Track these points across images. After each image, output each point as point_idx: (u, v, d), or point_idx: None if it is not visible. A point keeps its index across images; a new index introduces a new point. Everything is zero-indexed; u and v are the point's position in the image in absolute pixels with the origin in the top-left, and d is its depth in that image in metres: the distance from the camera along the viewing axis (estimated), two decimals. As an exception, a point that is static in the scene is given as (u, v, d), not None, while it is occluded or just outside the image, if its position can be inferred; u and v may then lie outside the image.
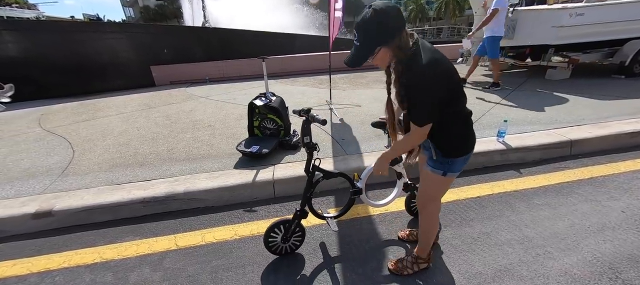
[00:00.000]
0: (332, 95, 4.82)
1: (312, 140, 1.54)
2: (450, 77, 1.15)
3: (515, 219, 1.99)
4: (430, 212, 1.48)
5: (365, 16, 1.06)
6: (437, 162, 1.33)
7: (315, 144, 1.55)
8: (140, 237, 2.00)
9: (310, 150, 1.54)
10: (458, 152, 1.29)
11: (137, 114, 4.73)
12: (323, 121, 1.42)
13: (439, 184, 1.39)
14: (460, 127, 1.27)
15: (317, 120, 1.44)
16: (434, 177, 1.35)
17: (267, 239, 1.67)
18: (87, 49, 6.84)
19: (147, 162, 2.87)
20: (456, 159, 1.29)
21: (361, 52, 1.11)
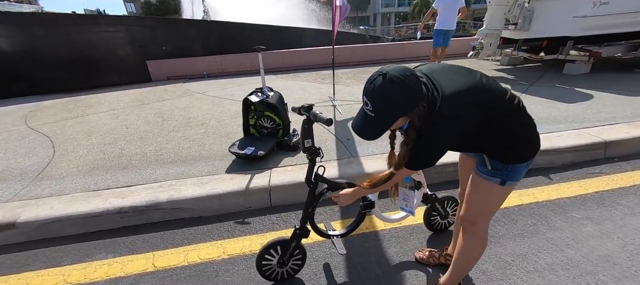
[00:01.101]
0: (336, 91, 4.50)
1: (314, 144, 1.24)
2: (475, 102, 0.93)
3: (554, 237, 1.68)
4: (477, 233, 1.17)
5: (381, 88, 0.87)
6: (493, 170, 1.05)
7: (319, 149, 1.26)
8: (113, 255, 1.73)
9: (312, 156, 1.25)
10: (520, 156, 1.01)
11: (128, 110, 4.46)
12: (328, 121, 1.13)
13: (494, 196, 1.09)
14: (517, 127, 0.99)
15: (320, 119, 1.15)
16: (489, 186, 1.07)
17: (261, 262, 1.39)
18: (81, 43, 6.56)
19: (131, 165, 2.59)
20: (519, 165, 1.02)
21: (378, 125, 0.93)
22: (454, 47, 8.79)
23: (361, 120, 0.95)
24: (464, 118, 0.91)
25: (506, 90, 0.99)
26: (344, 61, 7.97)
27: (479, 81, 0.95)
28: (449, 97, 0.90)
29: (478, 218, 1.14)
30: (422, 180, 1.52)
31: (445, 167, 2.28)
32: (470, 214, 1.15)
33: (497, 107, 0.95)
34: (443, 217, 1.70)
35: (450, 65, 1.04)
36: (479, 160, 1.11)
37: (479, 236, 1.17)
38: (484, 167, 1.08)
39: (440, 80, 0.94)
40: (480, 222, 1.15)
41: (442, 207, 1.65)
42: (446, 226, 1.76)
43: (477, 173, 1.10)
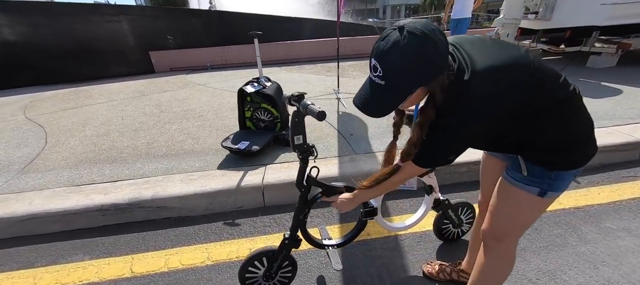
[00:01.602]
0: (341, 84, 4.27)
1: (306, 141, 1.04)
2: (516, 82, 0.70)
3: (586, 252, 1.45)
4: (502, 252, 0.95)
5: (396, 46, 0.65)
6: (530, 177, 0.82)
7: (312, 147, 1.06)
8: (90, 257, 1.59)
9: (303, 155, 1.06)
10: (570, 162, 0.78)
11: (127, 101, 4.34)
12: (320, 114, 0.92)
13: (528, 210, 0.87)
14: (570, 121, 0.76)
15: (311, 111, 0.94)
16: (523, 197, 0.84)
17: (244, 275, 1.21)
18: (83, 33, 6.49)
19: (121, 158, 2.45)
20: (566, 173, 0.79)
21: (389, 97, 0.73)
22: (467, 39, 8.39)
23: (367, 92, 0.75)
24: (499, 102, 0.70)
25: (559, 72, 0.76)
26: (351, 53, 7.68)
27: (523, 56, 0.72)
28: (481, 72, 0.68)
29: (505, 235, 0.92)
30: (433, 183, 1.30)
31: (457, 167, 2.05)
32: (496, 230, 0.93)
33: (546, 92, 0.72)
34: (456, 226, 1.48)
35: (483, 38, 0.80)
36: (511, 163, 0.89)
37: (504, 256, 0.95)
38: (517, 172, 0.85)
39: (471, 51, 0.73)
40: (508, 239, 0.93)
41: (455, 215, 1.44)
42: (459, 235, 1.55)
43: (508, 180, 0.88)
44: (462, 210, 1.47)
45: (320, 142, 2.53)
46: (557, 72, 0.75)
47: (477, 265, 1.01)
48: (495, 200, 0.92)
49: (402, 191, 1.94)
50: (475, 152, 2.33)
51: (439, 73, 0.69)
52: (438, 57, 0.68)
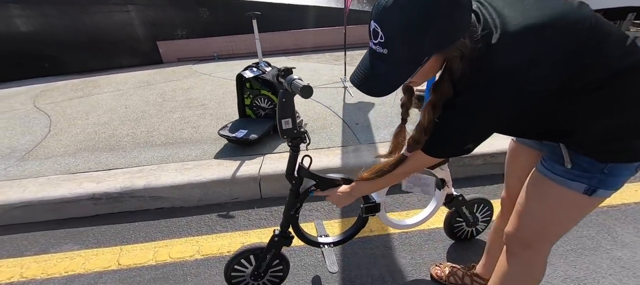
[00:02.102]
0: (348, 72, 4.09)
1: (296, 125, 0.90)
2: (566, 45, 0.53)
3: (622, 257, 1.25)
4: (530, 259, 0.77)
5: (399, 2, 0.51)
6: (575, 170, 0.64)
7: (304, 133, 0.92)
8: (79, 247, 1.53)
9: (293, 142, 0.92)
10: (632, 152, 0.60)
11: (132, 91, 4.32)
12: (304, 89, 0.76)
13: (570, 211, 0.69)
14: (635, 98, 0.57)
15: (295, 87, 0.79)
16: (564, 195, 0.67)
17: (229, 274, 1.10)
18: (94, 24, 6.53)
19: (119, 146, 2.40)
20: (624, 166, 0.61)
21: (396, 70, 0.58)
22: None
23: (366, 66, 0.61)
24: (538, 75, 0.53)
25: (624, 33, 0.57)
26: (360, 41, 7.42)
27: (575, 10, 0.54)
28: (515, 33, 0.52)
29: (535, 240, 0.75)
30: (446, 177, 1.14)
31: (472, 159, 1.86)
32: (524, 234, 0.75)
33: (604, 59, 0.54)
34: (470, 224, 1.32)
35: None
36: (549, 152, 0.71)
37: (532, 265, 0.78)
38: (558, 164, 0.67)
39: (503, 7, 0.56)
40: (538, 246, 0.75)
41: (470, 212, 1.27)
42: (473, 235, 1.38)
43: (544, 173, 0.70)
44: (477, 208, 1.30)
45: (324, 131, 2.38)
46: (621, 33, 0.56)
47: (498, 272, 0.85)
48: (524, 198, 0.75)
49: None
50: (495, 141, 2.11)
51: (457, 35, 0.54)
52: (457, 14, 0.52)
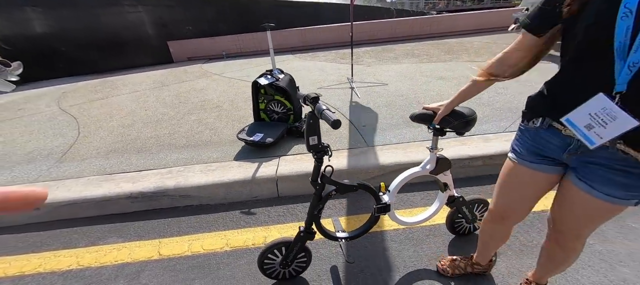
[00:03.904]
0: (355, 72, 4.22)
1: (321, 141, 1.06)
2: None
3: (604, 251, 1.42)
4: (581, 244, 0.98)
5: None
6: (636, 188, 0.75)
7: (326, 147, 1.07)
8: (123, 240, 1.75)
9: (318, 155, 1.07)
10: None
11: (149, 92, 4.54)
12: (335, 123, 0.89)
13: (614, 214, 0.84)
14: None
15: (326, 117, 0.92)
16: (619, 210, 0.81)
17: (262, 261, 1.30)
18: (108, 25, 6.75)
19: (146, 148, 2.62)
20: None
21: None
22: (492, 20, 7.90)
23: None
24: None
25: None
26: (367, 38, 7.48)
27: None
28: None
29: (586, 234, 0.95)
30: (448, 181, 1.31)
31: (472, 160, 2.02)
32: (582, 234, 0.94)
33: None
34: (469, 221, 1.49)
35: None
36: (610, 178, 0.76)
37: (580, 248, 0.99)
38: (616, 188, 0.76)
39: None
40: (586, 235, 0.96)
41: (469, 211, 1.44)
42: (471, 230, 1.56)
43: (605, 198, 0.78)
44: (476, 207, 1.47)
45: (331, 133, 2.56)
46: None
47: (554, 257, 1.05)
48: (584, 219, 0.88)
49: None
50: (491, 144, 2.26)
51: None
52: None
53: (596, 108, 0.69)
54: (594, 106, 0.69)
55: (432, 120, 1.12)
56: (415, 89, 3.56)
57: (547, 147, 0.87)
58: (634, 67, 0.62)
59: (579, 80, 0.74)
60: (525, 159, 0.93)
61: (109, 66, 6.95)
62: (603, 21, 0.65)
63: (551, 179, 0.91)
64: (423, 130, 2.43)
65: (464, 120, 1.07)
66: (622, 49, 0.63)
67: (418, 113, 1.17)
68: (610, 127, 0.67)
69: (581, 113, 0.72)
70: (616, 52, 0.64)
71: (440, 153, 1.25)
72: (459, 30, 7.74)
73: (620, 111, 0.65)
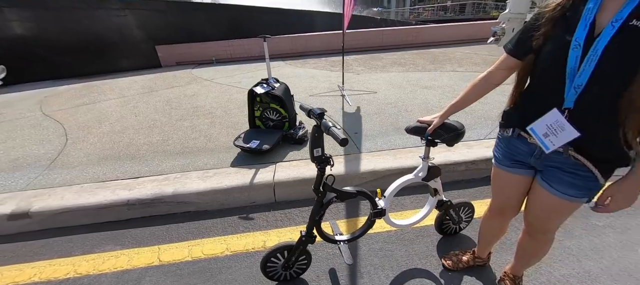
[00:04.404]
0: (345, 80, 4.37)
1: (324, 152, 1.15)
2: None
3: (572, 246, 1.59)
4: (550, 237, 1.14)
5: None
6: (586, 189, 0.90)
7: (329, 158, 1.16)
8: (121, 247, 1.76)
9: (321, 165, 1.16)
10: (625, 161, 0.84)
11: (138, 97, 4.49)
12: (343, 141, 0.96)
13: (572, 212, 1.02)
14: None
15: (334, 135, 0.98)
16: (575, 206, 0.97)
17: (265, 264, 1.37)
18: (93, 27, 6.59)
19: (139, 155, 2.61)
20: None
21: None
22: (473, 32, 8.34)
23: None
24: None
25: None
26: (356, 47, 7.70)
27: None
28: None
29: (554, 228, 1.10)
30: (438, 187, 1.44)
31: (456, 166, 2.18)
32: (547, 227, 1.09)
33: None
34: (455, 223, 1.63)
35: None
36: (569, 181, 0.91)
37: (550, 240, 1.15)
38: (574, 188, 0.91)
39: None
40: (554, 230, 1.11)
41: (456, 213, 1.58)
42: (457, 231, 1.70)
43: (561, 196, 0.94)
44: (462, 209, 1.61)
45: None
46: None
47: (527, 250, 1.21)
48: (545, 214, 1.04)
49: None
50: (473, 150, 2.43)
51: None
52: None
53: (551, 120, 0.85)
54: (550, 118, 0.86)
55: (425, 132, 1.25)
56: (403, 98, 3.73)
57: (517, 152, 1.03)
58: (578, 88, 0.78)
59: (541, 97, 0.90)
60: (503, 163, 1.09)
61: (93, 70, 6.76)
62: (559, 51, 0.81)
63: (526, 180, 1.07)
64: (411, 137, 2.58)
65: (455, 133, 1.20)
66: (571, 74, 0.79)
67: (413, 126, 1.30)
68: (560, 136, 0.84)
69: (540, 124, 0.88)
70: (567, 76, 0.79)
71: (431, 162, 1.37)
72: (442, 40, 8.13)
73: (567, 124, 0.82)
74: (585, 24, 0.76)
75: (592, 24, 0.75)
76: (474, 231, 1.67)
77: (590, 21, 0.76)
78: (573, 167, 0.89)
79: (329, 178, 1.22)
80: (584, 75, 0.76)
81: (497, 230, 1.32)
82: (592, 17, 0.75)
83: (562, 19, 0.82)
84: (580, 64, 0.77)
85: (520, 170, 1.05)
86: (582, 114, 0.80)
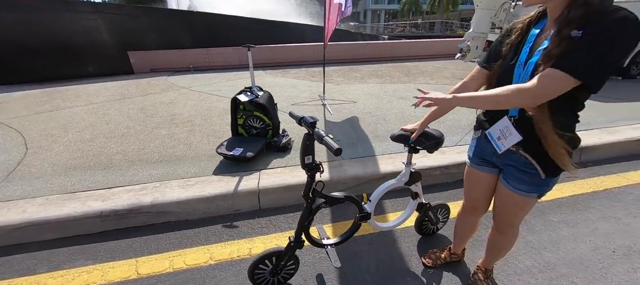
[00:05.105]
0: (326, 90, 4.49)
1: (314, 160, 1.19)
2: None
3: (533, 241, 1.76)
4: (515, 231, 1.26)
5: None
6: (534, 185, 1.03)
7: (319, 164, 1.20)
8: (93, 261, 1.65)
9: (311, 172, 1.19)
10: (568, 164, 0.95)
11: (108, 105, 4.25)
12: (337, 151, 0.99)
13: (528, 208, 1.14)
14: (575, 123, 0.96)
15: (328, 145, 1.03)
16: (528, 202, 1.10)
17: (253, 271, 1.36)
18: (57, 30, 6.16)
19: (112, 165, 2.48)
20: (558, 178, 1.03)
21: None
22: (442, 47, 8.96)
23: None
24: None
25: None
26: (335, 59, 7.94)
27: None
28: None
29: (517, 223, 1.23)
30: (419, 191, 1.54)
31: (432, 170, 2.33)
32: (511, 222, 1.22)
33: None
34: (433, 223, 1.74)
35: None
36: (519, 178, 1.05)
37: (515, 234, 1.28)
38: (524, 184, 1.05)
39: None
40: (518, 224, 1.24)
41: (434, 215, 1.69)
42: (435, 231, 1.81)
43: (516, 192, 1.08)
44: (439, 211, 1.72)
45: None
46: None
47: (495, 245, 1.33)
48: (506, 209, 1.17)
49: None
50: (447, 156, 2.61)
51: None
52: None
53: (502, 126, 1.02)
54: (501, 124, 1.03)
55: (409, 139, 1.35)
56: (381, 107, 3.92)
57: (485, 152, 1.17)
58: None
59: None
60: (474, 161, 1.24)
61: (57, 75, 6.28)
62: (509, 67, 0.98)
63: (492, 178, 1.21)
64: (390, 145, 2.72)
65: (435, 141, 1.32)
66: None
67: (397, 134, 1.40)
68: (508, 139, 1.01)
69: (495, 129, 1.05)
70: None
71: (413, 167, 1.47)
72: (415, 55, 8.65)
73: (513, 129, 0.98)
74: (527, 49, 0.93)
75: (531, 48, 0.92)
76: (449, 231, 1.79)
77: (530, 46, 0.92)
78: (524, 165, 1.03)
79: (318, 184, 1.26)
80: None
81: (470, 227, 1.44)
82: (533, 42, 0.92)
83: (516, 43, 0.98)
84: (518, 81, 0.93)
85: (487, 169, 1.20)
86: (524, 121, 0.96)
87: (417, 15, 41.02)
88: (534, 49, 0.91)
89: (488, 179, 1.21)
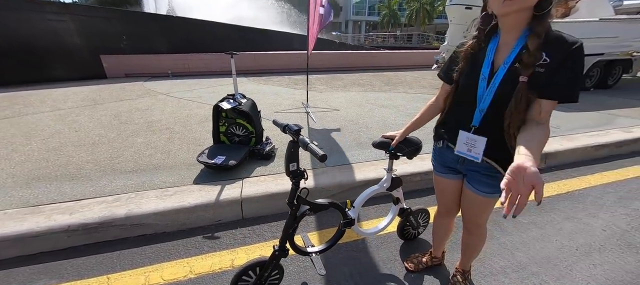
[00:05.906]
0: (309, 98, 4.52)
1: (299, 167, 1.19)
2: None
3: (506, 242, 1.86)
4: (483, 230, 1.33)
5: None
6: (497, 186, 1.07)
7: (304, 172, 1.20)
8: (58, 280, 1.52)
9: (296, 179, 1.19)
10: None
11: (78, 111, 4.00)
12: (322, 157, 1.01)
13: (492, 207, 1.20)
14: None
15: (313, 151, 1.04)
16: (491, 202, 1.17)
17: (237, 283, 1.32)
18: (20, 30, 5.74)
19: (82, 175, 2.32)
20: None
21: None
22: (419, 58, 9.38)
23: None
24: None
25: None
26: (318, 67, 8.05)
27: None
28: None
29: (484, 222, 1.30)
30: (400, 196, 1.58)
31: (412, 176, 2.40)
32: (478, 221, 1.28)
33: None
34: (415, 228, 1.79)
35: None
36: (483, 181, 1.12)
37: (484, 233, 1.35)
38: (487, 186, 1.11)
39: None
40: (484, 223, 1.31)
41: (415, 219, 1.74)
42: (416, 235, 1.86)
43: (480, 194, 1.14)
44: (420, 215, 1.78)
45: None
46: None
47: (468, 245, 1.40)
48: (472, 210, 1.23)
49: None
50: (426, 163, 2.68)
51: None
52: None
53: (464, 139, 1.10)
54: (463, 138, 1.10)
55: (389, 146, 1.40)
56: (363, 115, 4.01)
57: (447, 160, 1.24)
58: (481, 112, 1.03)
59: (460, 116, 1.13)
60: (439, 170, 1.31)
61: (20, 79, 5.82)
62: (471, 81, 1.06)
63: (458, 184, 1.28)
64: (372, 152, 2.78)
65: (415, 147, 1.39)
66: (479, 100, 1.03)
67: (379, 141, 1.45)
68: (477, 146, 1.07)
69: (460, 145, 1.11)
70: (477, 101, 1.03)
71: (394, 173, 1.52)
72: (394, 64, 8.98)
73: (476, 136, 1.06)
74: (488, 63, 1.01)
75: (491, 62, 1.01)
76: (430, 235, 1.85)
77: (491, 60, 1.01)
78: (487, 170, 1.11)
79: (302, 191, 1.26)
80: (485, 101, 1.01)
81: (446, 229, 1.51)
82: (492, 57, 1.01)
83: (472, 58, 1.07)
84: (483, 93, 1.01)
85: (451, 175, 1.27)
86: (485, 129, 1.04)
87: (395, 27, 42.71)
88: (497, 64, 0.99)
89: (454, 185, 1.29)
